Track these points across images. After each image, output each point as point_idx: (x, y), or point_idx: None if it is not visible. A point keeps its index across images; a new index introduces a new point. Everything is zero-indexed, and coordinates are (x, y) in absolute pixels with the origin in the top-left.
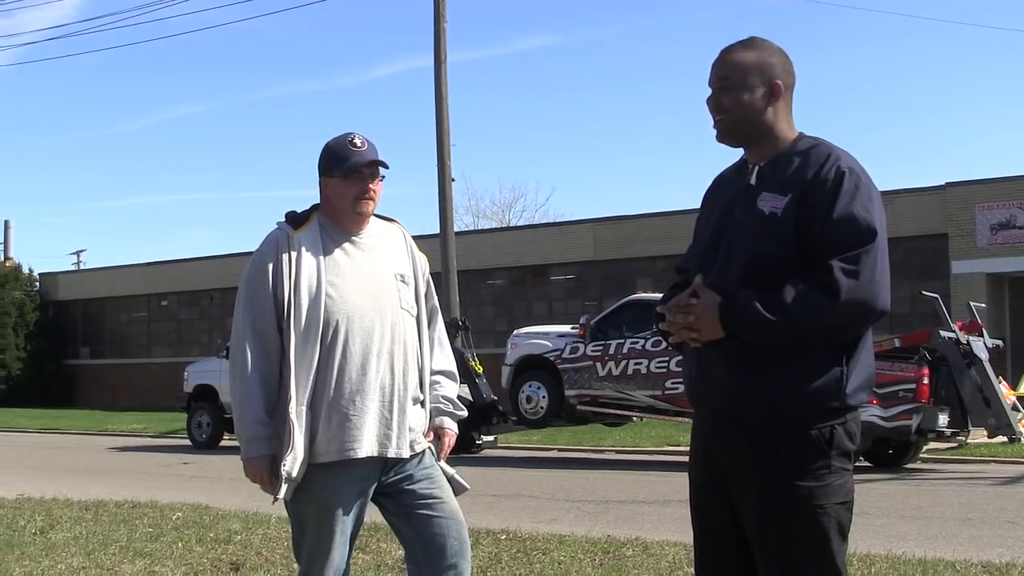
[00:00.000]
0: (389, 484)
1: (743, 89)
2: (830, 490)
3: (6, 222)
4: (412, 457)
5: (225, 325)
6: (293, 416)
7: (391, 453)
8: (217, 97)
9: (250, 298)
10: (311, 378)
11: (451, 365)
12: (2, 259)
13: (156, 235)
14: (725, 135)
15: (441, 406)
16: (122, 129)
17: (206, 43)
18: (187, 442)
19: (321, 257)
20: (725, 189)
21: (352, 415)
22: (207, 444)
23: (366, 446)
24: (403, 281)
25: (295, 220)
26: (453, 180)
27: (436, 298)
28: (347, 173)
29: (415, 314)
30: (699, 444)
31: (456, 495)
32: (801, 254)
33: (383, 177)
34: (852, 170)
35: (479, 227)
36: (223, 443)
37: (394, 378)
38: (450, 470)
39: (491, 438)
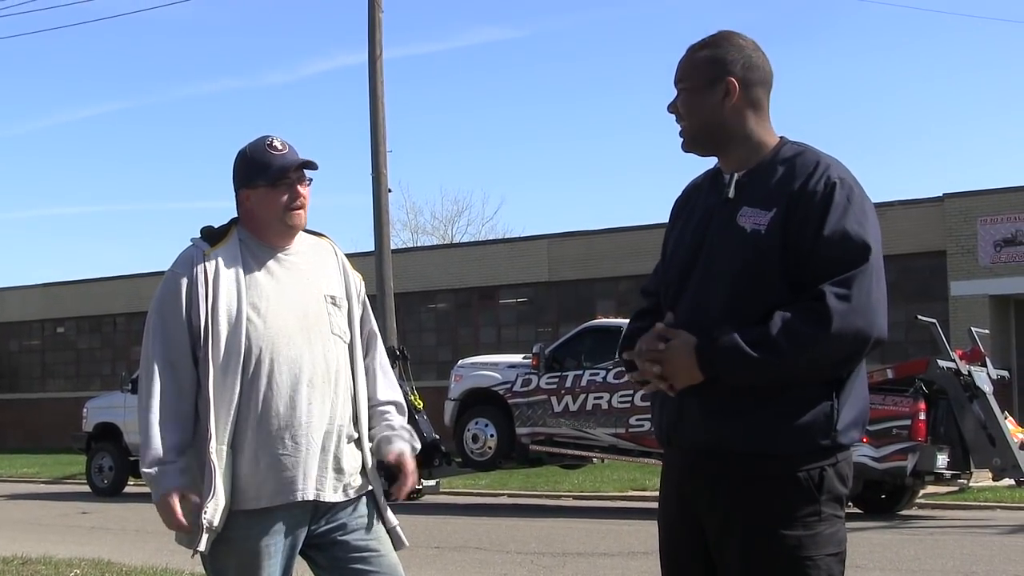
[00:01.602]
0: (320, 534)
1: (699, 91)
2: (820, 540)
3: None
4: (346, 503)
5: (131, 355)
6: (213, 457)
7: (324, 497)
8: (127, 96)
9: (161, 324)
10: (232, 414)
11: (398, 395)
12: None
13: (53, 253)
14: (690, 143)
15: (398, 433)
16: (15, 132)
17: (115, 35)
18: (86, 488)
19: (242, 277)
20: (698, 202)
21: (281, 455)
22: (109, 491)
23: (296, 490)
24: (334, 303)
25: (212, 236)
26: (390, 191)
27: (374, 322)
28: (274, 180)
29: (348, 340)
30: (670, 489)
31: (396, 550)
32: (788, 275)
33: (311, 181)
34: (844, 180)
35: (419, 243)
36: (128, 489)
37: (325, 413)
38: (392, 520)
39: (433, 482)
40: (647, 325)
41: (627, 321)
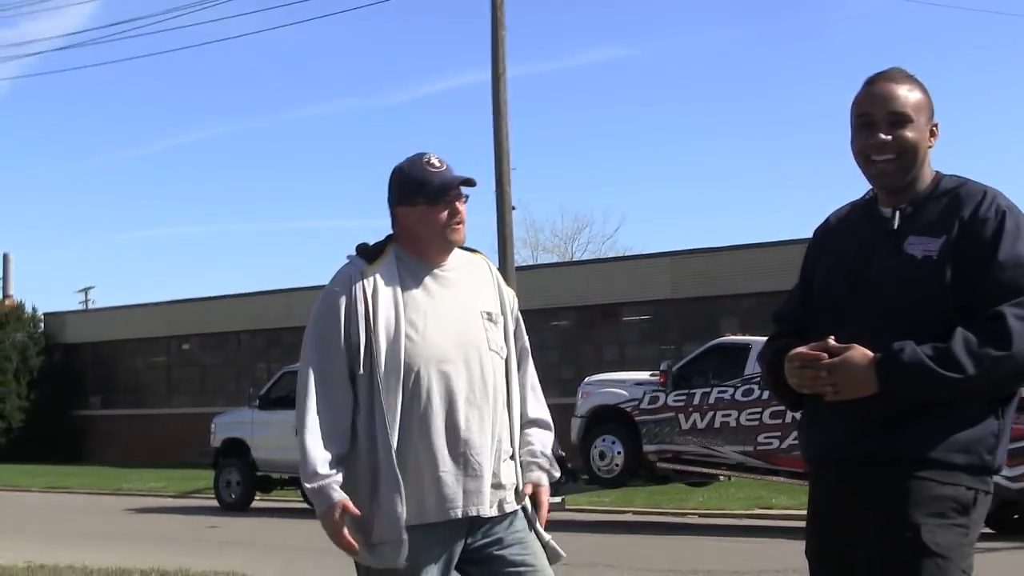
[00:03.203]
0: (476, 548)
1: (922, 131)
2: (962, 553)
3: (5, 255)
4: (502, 518)
5: (255, 371)
6: (384, 472)
7: (482, 513)
8: (244, 117)
9: (319, 341)
10: (395, 431)
11: (546, 414)
12: (1, 297)
13: (176, 271)
14: (893, 178)
15: (537, 461)
16: (138, 153)
17: (231, 56)
18: (214, 503)
19: (400, 294)
20: (850, 234)
21: (442, 472)
22: (237, 505)
23: (455, 505)
24: (490, 320)
25: (368, 253)
26: (514, 208)
27: (526, 338)
28: (435, 197)
29: (504, 356)
30: (820, 506)
31: (551, 563)
32: (959, 300)
33: (467, 198)
34: (1012, 209)
35: (539, 261)
36: (255, 504)
37: (485, 430)
38: (546, 535)
39: (558, 499)
40: (792, 344)
41: (757, 339)
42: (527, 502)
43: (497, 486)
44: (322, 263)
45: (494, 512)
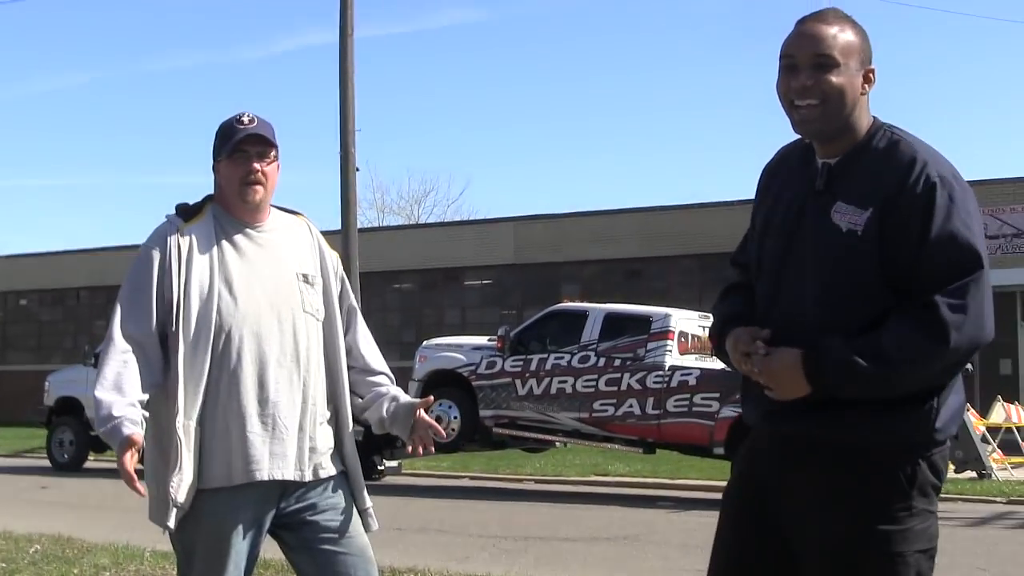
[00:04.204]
0: (289, 513)
1: (845, 72)
2: (910, 536)
3: None
4: (317, 483)
5: (93, 329)
6: (180, 432)
7: (291, 476)
8: (94, 68)
9: (132, 298)
10: (201, 391)
11: (386, 367)
12: None
13: (15, 224)
14: (817, 124)
15: (400, 395)
16: None
17: (79, 4)
18: (46, 462)
19: (215, 254)
20: (791, 180)
21: (249, 433)
22: (70, 465)
23: (264, 468)
24: (307, 281)
25: (187, 212)
26: (358, 170)
27: (353, 298)
28: (231, 153)
29: (322, 318)
30: (747, 469)
31: (365, 531)
32: (889, 281)
33: (275, 159)
34: (944, 179)
35: (385, 223)
36: (88, 464)
37: (295, 392)
38: (367, 502)
39: (395, 463)
40: (740, 310)
41: (594, 306)
42: (354, 466)
43: (312, 450)
44: None
45: (307, 477)
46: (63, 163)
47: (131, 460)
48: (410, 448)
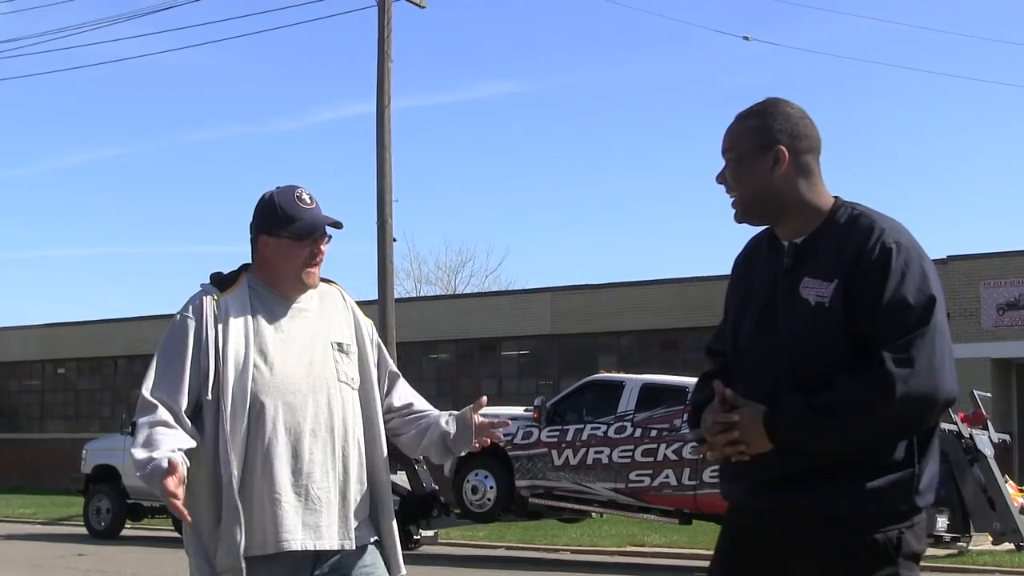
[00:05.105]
0: None
1: (749, 161)
2: None
3: None
4: (351, 552)
5: (131, 397)
6: (224, 499)
7: (319, 546)
8: (131, 140)
9: (164, 367)
10: (240, 461)
11: (431, 407)
12: None
13: (54, 294)
14: (743, 214)
15: (444, 417)
16: (19, 173)
17: (119, 78)
18: (83, 530)
19: (250, 324)
20: (759, 266)
21: (284, 503)
22: (106, 533)
23: (296, 539)
24: (341, 350)
25: (221, 282)
26: (395, 240)
27: (392, 362)
28: (301, 235)
29: (357, 387)
30: (730, 546)
31: None
32: (855, 345)
33: (330, 239)
34: (900, 245)
35: (422, 294)
36: (125, 532)
37: (329, 461)
38: (403, 570)
39: (431, 533)
40: (712, 395)
41: (631, 376)
42: (390, 536)
43: (347, 519)
44: None
45: (340, 546)
46: (100, 233)
47: (174, 482)
48: (477, 445)
